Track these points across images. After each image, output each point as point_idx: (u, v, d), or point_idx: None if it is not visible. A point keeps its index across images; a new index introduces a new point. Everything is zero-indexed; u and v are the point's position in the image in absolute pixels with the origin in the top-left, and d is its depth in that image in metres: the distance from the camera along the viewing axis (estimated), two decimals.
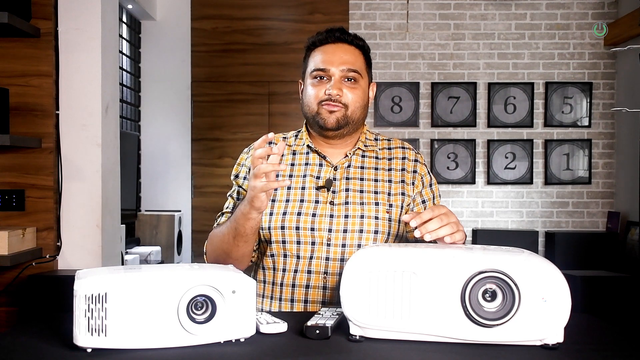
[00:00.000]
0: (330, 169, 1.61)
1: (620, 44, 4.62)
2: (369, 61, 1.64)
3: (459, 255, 1.11)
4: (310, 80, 1.60)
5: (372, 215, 1.56)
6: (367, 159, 1.64)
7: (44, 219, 2.56)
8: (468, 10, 4.99)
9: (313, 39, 1.62)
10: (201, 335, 1.09)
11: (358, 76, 1.58)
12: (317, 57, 1.59)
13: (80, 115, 2.62)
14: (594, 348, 1.12)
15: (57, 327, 1.22)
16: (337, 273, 1.54)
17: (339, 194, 1.58)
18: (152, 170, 5.09)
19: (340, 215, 1.55)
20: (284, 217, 1.56)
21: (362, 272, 1.12)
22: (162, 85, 5.15)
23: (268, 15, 4.95)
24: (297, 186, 1.60)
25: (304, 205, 1.57)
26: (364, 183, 1.60)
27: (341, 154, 1.64)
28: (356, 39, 1.62)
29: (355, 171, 1.62)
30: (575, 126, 4.96)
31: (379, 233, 1.56)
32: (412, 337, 1.11)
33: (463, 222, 4.88)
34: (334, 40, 1.59)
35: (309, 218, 1.55)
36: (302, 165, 1.63)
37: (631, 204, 4.53)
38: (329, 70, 1.56)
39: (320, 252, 1.54)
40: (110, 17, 2.78)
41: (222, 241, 1.53)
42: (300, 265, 1.55)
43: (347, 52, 1.59)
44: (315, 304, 1.55)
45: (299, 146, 1.66)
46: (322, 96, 1.56)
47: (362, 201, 1.57)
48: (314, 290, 1.54)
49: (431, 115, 4.97)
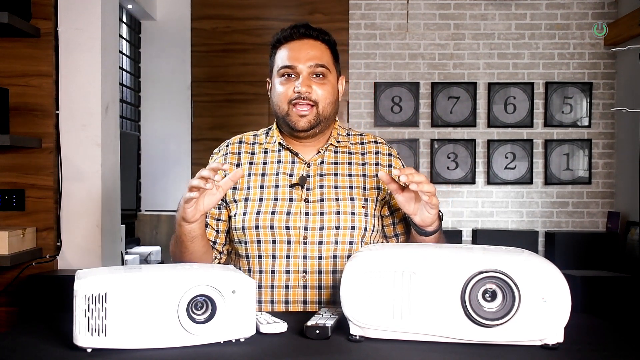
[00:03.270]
0: (303, 166, 1.59)
1: (620, 44, 4.62)
2: (336, 55, 1.63)
3: (459, 255, 1.11)
4: (278, 79, 1.58)
5: (349, 211, 1.54)
6: (340, 155, 1.63)
7: (44, 219, 2.56)
8: (468, 10, 4.99)
9: (278, 36, 1.60)
10: (201, 335, 1.09)
11: (326, 71, 1.56)
12: (284, 54, 1.57)
13: (80, 115, 2.62)
14: (594, 348, 1.12)
15: (57, 327, 1.22)
16: (317, 271, 1.53)
17: (313, 191, 1.56)
18: (152, 170, 5.09)
19: (316, 213, 1.54)
20: (257, 217, 1.53)
21: (362, 272, 1.12)
22: (162, 85, 5.15)
23: (268, 15, 4.95)
24: (270, 184, 1.57)
25: (278, 204, 1.54)
26: (338, 178, 1.59)
27: (313, 151, 1.62)
28: (322, 33, 1.60)
29: (329, 167, 1.60)
30: (575, 126, 4.96)
31: (355, 229, 1.54)
32: (412, 337, 1.11)
33: (463, 222, 4.89)
34: (299, 36, 1.58)
35: (284, 217, 1.53)
36: (274, 163, 1.61)
37: (631, 204, 4.53)
38: (296, 67, 1.55)
39: (297, 251, 1.52)
40: (110, 17, 2.78)
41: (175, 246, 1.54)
42: (277, 265, 1.53)
43: (314, 47, 1.57)
44: (296, 304, 1.53)
45: (270, 144, 1.64)
46: (291, 95, 1.55)
47: (337, 197, 1.56)
48: (294, 290, 1.53)
49: (431, 115, 4.97)
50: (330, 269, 1.53)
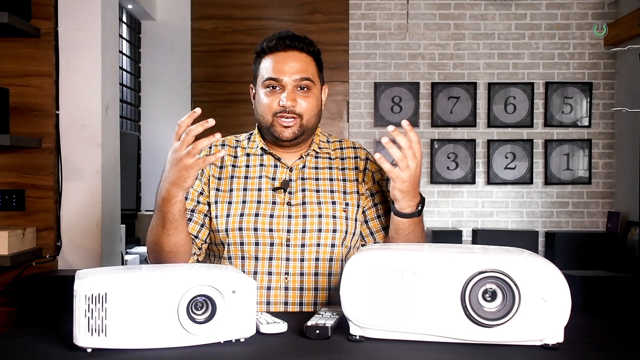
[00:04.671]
0: (285, 170, 1.62)
1: (620, 44, 4.62)
2: (320, 65, 1.64)
3: (459, 255, 1.11)
4: (262, 90, 1.59)
5: (330, 214, 1.57)
6: (321, 160, 1.66)
7: (44, 219, 2.56)
8: (468, 10, 4.98)
9: (263, 45, 1.61)
10: (201, 335, 1.09)
11: (311, 84, 1.58)
12: (269, 65, 1.58)
13: (80, 115, 2.62)
14: (594, 348, 1.12)
15: (57, 327, 1.22)
16: (298, 273, 1.55)
17: (295, 195, 1.59)
18: (152, 170, 5.09)
19: (299, 216, 1.56)
20: (241, 219, 1.55)
21: (362, 272, 1.12)
22: (162, 85, 5.15)
23: (268, 15, 4.95)
24: (254, 187, 1.59)
25: (261, 207, 1.56)
26: (320, 183, 1.62)
27: (296, 156, 1.64)
28: (307, 45, 1.60)
29: (310, 171, 1.63)
30: (575, 126, 4.95)
31: (337, 232, 1.57)
32: (412, 337, 1.11)
33: (463, 222, 4.89)
34: (285, 47, 1.58)
35: (267, 219, 1.55)
36: (257, 166, 1.63)
37: (631, 204, 4.53)
38: (282, 80, 1.56)
39: (280, 253, 1.55)
40: (110, 17, 2.78)
41: (153, 235, 1.49)
42: (260, 266, 1.55)
43: (299, 60, 1.58)
44: (278, 305, 1.55)
45: (252, 148, 1.66)
46: (276, 107, 1.56)
47: (319, 200, 1.59)
48: (275, 292, 1.55)
49: (431, 115, 4.97)
50: (312, 271, 1.56)
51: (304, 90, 1.57)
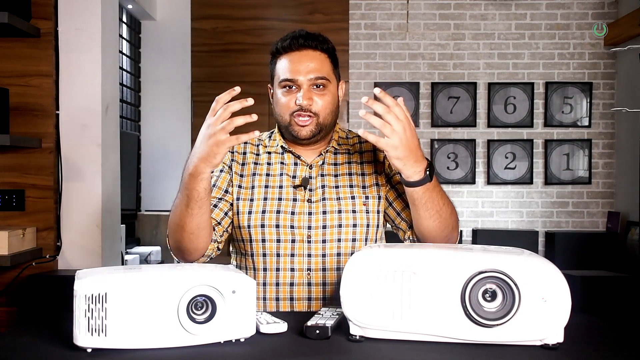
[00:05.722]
0: (305, 168, 1.63)
1: (620, 44, 4.62)
2: (335, 62, 1.64)
3: (459, 255, 1.11)
4: (279, 90, 1.60)
5: (350, 209, 1.59)
6: (340, 155, 1.67)
7: (44, 219, 2.56)
8: (468, 10, 4.99)
9: (277, 46, 1.61)
10: (201, 335, 1.09)
11: (326, 82, 1.58)
12: (284, 66, 1.58)
13: (80, 115, 2.62)
14: (594, 348, 1.12)
15: (57, 327, 1.22)
16: (321, 269, 1.57)
17: (315, 191, 1.60)
18: (152, 170, 5.09)
19: (319, 212, 1.58)
20: (263, 215, 1.57)
21: (362, 272, 1.12)
22: (162, 85, 5.15)
23: (268, 15, 4.95)
24: (275, 185, 1.62)
25: (282, 204, 1.58)
26: (339, 179, 1.63)
27: (315, 153, 1.65)
28: (321, 43, 1.60)
29: (329, 168, 1.64)
30: (575, 126, 4.96)
31: (357, 226, 1.59)
32: (412, 337, 1.11)
33: (463, 222, 4.89)
34: (299, 47, 1.58)
35: (289, 216, 1.57)
36: (277, 164, 1.64)
37: (631, 204, 4.53)
38: (297, 80, 1.56)
39: (302, 250, 1.56)
40: (110, 17, 2.78)
41: (176, 215, 1.45)
42: (282, 263, 1.56)
43: (313, 59, 1.57)
44: (301, 301, 1.56)
45: (273, 147, 1.67)
46: (293, 107, 1.57)
47: (339, 196, 1.60)
48: (298, 288, 1.56)
49: (431, 115, 4.97)
50: (335, 266, 1.58)
51: (320, 89, 1.58)
